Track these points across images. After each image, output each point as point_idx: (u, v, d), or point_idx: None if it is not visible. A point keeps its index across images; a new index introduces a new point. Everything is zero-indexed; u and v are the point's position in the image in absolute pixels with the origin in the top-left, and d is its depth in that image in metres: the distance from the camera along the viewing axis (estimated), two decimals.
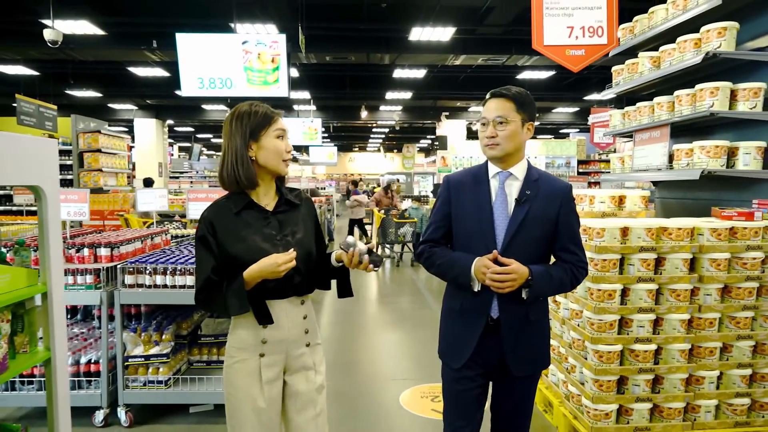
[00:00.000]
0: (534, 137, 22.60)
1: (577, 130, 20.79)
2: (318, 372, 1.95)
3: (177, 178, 21.41)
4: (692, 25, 3.38)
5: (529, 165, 1.99)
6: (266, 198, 1.90)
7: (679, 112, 3.36)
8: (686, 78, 3.50)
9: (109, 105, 15.92)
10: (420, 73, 12.20)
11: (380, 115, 18.04)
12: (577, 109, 17.36)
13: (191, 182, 20.59)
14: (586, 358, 2.93)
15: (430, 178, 20.08)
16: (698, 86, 3.19)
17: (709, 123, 3.40)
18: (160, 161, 16.78)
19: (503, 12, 8.17)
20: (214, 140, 29.14)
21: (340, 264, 1.92)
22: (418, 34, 8.72)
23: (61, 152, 9.27)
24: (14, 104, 8.70)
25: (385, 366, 4.47)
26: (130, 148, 11.21)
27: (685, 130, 3.73)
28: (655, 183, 4.33)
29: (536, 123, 18.80)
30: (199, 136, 26.71)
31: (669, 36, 3.59)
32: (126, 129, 18.64)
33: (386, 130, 24.96)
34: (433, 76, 12.82)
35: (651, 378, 2.87)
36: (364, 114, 17.04)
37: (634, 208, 3.33)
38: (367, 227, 12.79)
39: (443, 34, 8.69)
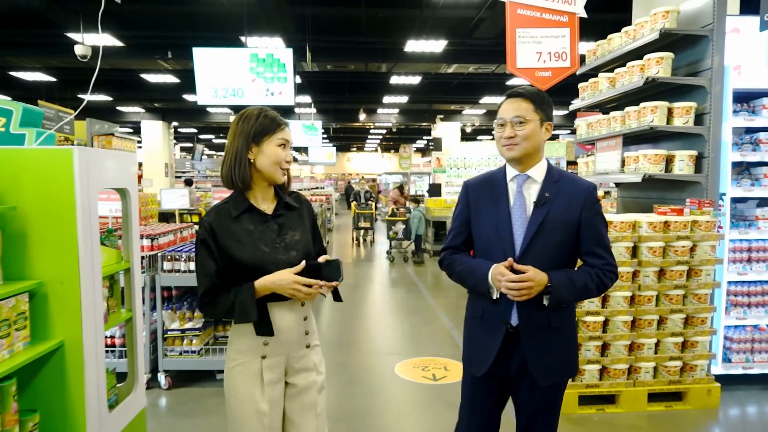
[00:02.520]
0: None
1: (568, 132, 21.45)
2: (319, 372, 1.95)
3: (180, 177, 21.97)
4: (641, 53, 4.00)
5: (550, 166, 1.92)
6: (264, 202, 1.89)
7: (629, 125, 4.01)
8: (636, 96, 4.14)
9: (118, 108, 16.53)
10: (415, 80, 12.71)
11: (378, 117, 18.57)
12: (566, 112, 17.97)
13: (195, 181, 21.15)
14: None
15: (426, 178, 20.01)
16: (642, 104, 3.84)
17: (655, 134, 4.03)
18: (166, 162, 17.31)
19: (492, 24, 8.72)
20: (216, 141, 29.70)
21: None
22: (413, 46, 9.33)
23: None
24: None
25: (382, 344, 5.10)
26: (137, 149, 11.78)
27: (636, 139, 4.37)
28: (617, 184, 4.98)
29: None
30: (202, 136, 27.27)
31: (623, 60, 4.23)
32: (132, 130, 19.25)
33: (384, 131, 25.43)
34: (427, 82, 13.32)
35: (600, 344, 3.49)
36: (362, 117, 17.59)
37: None
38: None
39: (436, 45, 9.32)
